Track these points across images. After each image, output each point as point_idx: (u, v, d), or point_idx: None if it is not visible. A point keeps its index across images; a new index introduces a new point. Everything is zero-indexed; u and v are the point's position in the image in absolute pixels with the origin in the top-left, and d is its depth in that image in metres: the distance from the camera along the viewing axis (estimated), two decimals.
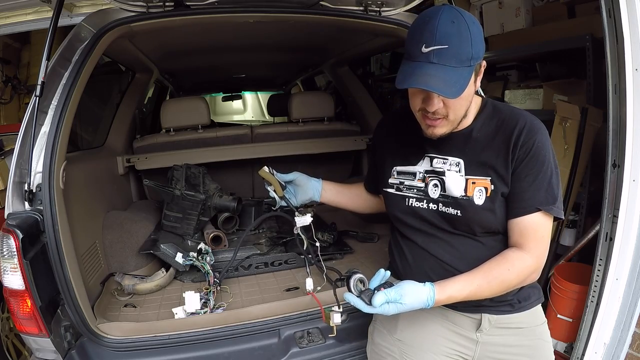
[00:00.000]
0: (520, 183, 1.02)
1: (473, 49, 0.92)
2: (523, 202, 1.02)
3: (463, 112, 1.02)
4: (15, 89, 5.01)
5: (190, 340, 1.38)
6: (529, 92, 2.46)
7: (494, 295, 1.03)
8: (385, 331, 1.21)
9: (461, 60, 0.92)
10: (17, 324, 1.32)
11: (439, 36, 0.90)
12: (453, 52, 0.91)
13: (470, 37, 0.91)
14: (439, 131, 1.03)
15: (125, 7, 1.53)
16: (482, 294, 1.01)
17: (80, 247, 1.52)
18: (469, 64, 0.93)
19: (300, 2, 1.68)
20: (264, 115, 6.53)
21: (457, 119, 1.03)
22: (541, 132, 1.02)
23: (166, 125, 2.48)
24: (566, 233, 2.26)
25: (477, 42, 0.93)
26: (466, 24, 0.91)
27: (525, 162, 1.01)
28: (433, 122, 1.02)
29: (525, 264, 1.02)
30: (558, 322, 1.90)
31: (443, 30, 0.90)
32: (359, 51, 2.57)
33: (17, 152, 1.33)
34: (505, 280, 1.01)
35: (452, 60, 0.91)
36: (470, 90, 0.98)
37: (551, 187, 1.01)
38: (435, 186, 1.10)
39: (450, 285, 0.99)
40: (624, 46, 1.40)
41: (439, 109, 0.99)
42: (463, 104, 1.00)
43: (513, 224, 1.04)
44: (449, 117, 1.01)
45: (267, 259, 1.97)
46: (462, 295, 0.99)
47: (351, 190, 1.42)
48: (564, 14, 2.39)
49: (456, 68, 0.92)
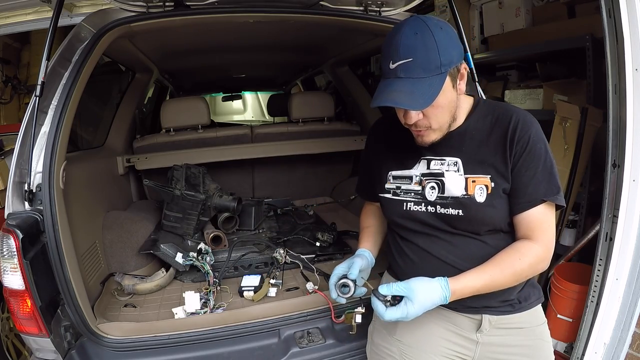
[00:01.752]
0: (521, 178, 1.02)
1: (441, 57, 0.93)
2: (527, 195, 1.02)
3: (447, 119, 1.03)
4: (15, 89, 5.01)
5: (190, 340, 1.38)
6: (529, 92, 2.46)
7: (508, 285, 1.04)
8: (385, 331, 1.21)
9: (429, 69, 0.93)
10: (17, 324, 1.31)
11: (402, 50, 0.93)
12: (418, 64, 0.92)
13: (436, 45, 0.92)
14: (428, 139, 1.05)
15: (125, 7, 1.53)
16: (496, 284, 1.01)
17: (80, 247, 1.51)
18: (439, 72, 0.93)
19: (300, 2, 1.68)
20: (264, 115, 6.54)
21: (442, 126, 1.04)
22: (535, 125, 1.04)
23: (166, 125, 2.48)
24: (566, 233, 2.26)
25: (445, 49, 0.93)
26: (430, 32, 0.92)
27: (524, 157, 1.02)
28: (418, 132, 1.04)
29: (535, 253, 1.03)
30: (558, 322, 1.90)
31: (405, 43, 0.92)
32: (359, 51, 2.58)
33: (17, 152, 1.33)
34: (517, 269, 1.02)
35: (419, 71, 0.93)
36: (449, 96, 0.99)
37: (553, 177, 1.03)
38: (432, 188, 1.10)
39: (463, 276, 1.00)
40: (624, 46, 1.40)
41: (419, 121, 1.00)
42: (444, 112, 1.01)
43: (519, 218, 1.05)
44: (432, 127, 1.02)
45: (267, 258, 1.97)
46: (477, 286, 1.00)
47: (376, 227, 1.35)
48: (564, 14, 2.39)
49: (424, 78, 0.93)
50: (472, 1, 2.95)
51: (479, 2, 2.90)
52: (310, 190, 3.00)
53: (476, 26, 2.95)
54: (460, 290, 0.99)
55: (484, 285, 1.01)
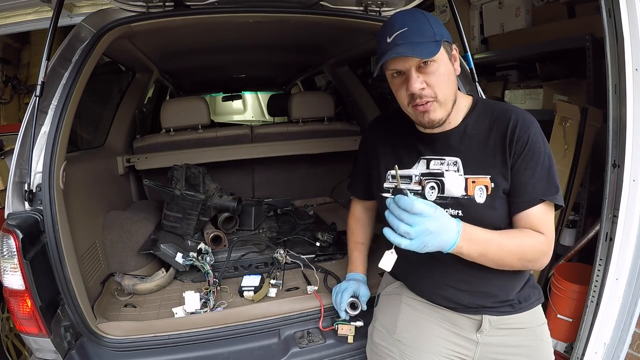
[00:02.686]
0: (520, 177, 1.02)
1: (434, 28, 0.99)
2: (526, 195, 1.02)
3: (450, 94, 1.03)
4: (15, 89, 5.00)
5: (190, 340, 1.38)
6: (529, 92, 2.46)
7: (511, 260, 1.01)
8: (385, 331, 1.21)
9: (425, 36, 0.98)
10: (17, 324, 1.31)
11: (397, 24, 1.00)
12: (414, 31, 0.98)
13: (427, 19, 1.00)
14: (435, 115, 1.03)
15: (125, 7, 1.53)
16: (503, 249, 0.99)
17: (80, 247, 1.51)
18: (434, 39, 0.98)
19: (300, 2, 1.68)
20: (264, 115, 6.53)
21: (447, 102, 1.03)
22: (534, 125, 1.04)
23: (166, 125, 2.48)
24: (566, 233, 2.26)
25: (436, 24, 1.00)
26: (421, 12, 1.02)
27: (522, 156, 1.02)
28: (424, 106, 1.02)
29: (540, 240, 1.02)
30: (558, 322, 1.90)
31: (400, 19, 1.01)
32: (359, 51, 2.57)
33: (17, 152, 1.33)
34: (522, 245, 1.00)
35: (415, 37, 0.98)
36: (449, 67, 1.02)
37: (551, 177, 1.03)
38: (432, 188, 1.09)
39: (472, 225, 0.97)
40: (624, 46, 1.40)
41: (424, 91, 1.00)
42: (447, 83, 1.02)
43: (518, 218, 1.04)
44: (438, 98, 1.01)
45: (267, 258, 1.97)
46: (484, 237, 0.97)
47: (366, 244, 1.49)
48: (564, 14, 2.39)
49: (421, 42, 0.97)
50: (472, 1, 2.95)
51: (479, 2, 2.90)
52: (310, 190, 3.00)
53: (476, 26, 2.95)
54: (470, 230, 0.95)
55: (491, 240, 0.97)
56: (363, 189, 1.37)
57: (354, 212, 1.49)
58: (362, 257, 1.46)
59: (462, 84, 1.65)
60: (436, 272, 1.12)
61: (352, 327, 1.37)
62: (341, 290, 1.36)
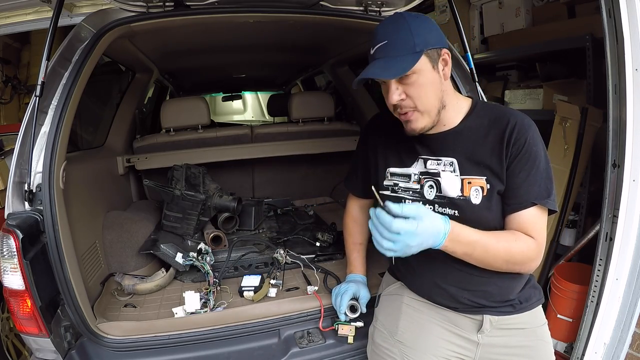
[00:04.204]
0: (514, 179, 1.02)
1: (415, 38, 0.99)
2: (518, 197, 1.03)
3: (433, 102, 1.04)
4: (15, 89, 5.00)
5: (190, 340, 1.38)
6: (529, 92, 2.46)
7: (496, 263, 1.02)
8: (386, 332, 1.21)
9: (403, 49, 0.99)
10: (17, 324, 1.31)
11: (379, 36, 1.02)
12: (393, 45, 0.99)
13: (409, 27, 0.99)
14: (416, 125, 1.05)
15: (125, 7, 1.53)
16: (488, 251, 1.00)
17: (80, 247, 1.51)
18: (413, 51, 0.98)
19: (300, 2, 1.68)
20: (264, 115, 6.53)
21: (430, 111, 1.04)
22: (532, 128, 1.04)
23: (166, 125, 2.48)
24: (566, 233, 2.26)
25: (419, 32, 0.99)
26: (404, 19, 1.01)
27: (518, 159, 1.02)
28: (405, 116, 1.05)
29: (530, 244, 1.02)
30: (558, 322, 1.90)
31: (382, 31, 1.03)
32: (359, 51, 2.57)
33: (17, 152, 1.32)
34: (510, 248, 1.01)
35: (392, 51, 0.99)
36: (430, 76, 1.01)
37: (545, 181, 1.03)
38: (430, 187, 1.10)
39: (461, 226, 0.98)
40: (624, 46, 1.41)
41: (403, 102, 1.03)
42: (427, 93, 1.02)
43: (510, 219, 1.05)
44: (418, 108, 1.03)
45: (267, 258, 1.97)
46: (471, 237, 0.98)
47: (364, 243, 1.48)
48: (564, 14, 2.39)
49: (398, 57, 0.99)
50: (472, 1, 2.95)
51: (479, 2, 2.90)
52: (310, 190, 3.00)
53: (476, 26, 2.95)
54: (458, 231, 0.96)
55: (478, 242, 0.98)
56: (361, 185, 1.37)
57: (351, 211, 1.48)
58: (361, 257, 1.45)
59: (462, 84, 1.65)
60: (437, 272, 1.12)
61: (353, 327, 1.36)
62: (341, 292, 1.36)
